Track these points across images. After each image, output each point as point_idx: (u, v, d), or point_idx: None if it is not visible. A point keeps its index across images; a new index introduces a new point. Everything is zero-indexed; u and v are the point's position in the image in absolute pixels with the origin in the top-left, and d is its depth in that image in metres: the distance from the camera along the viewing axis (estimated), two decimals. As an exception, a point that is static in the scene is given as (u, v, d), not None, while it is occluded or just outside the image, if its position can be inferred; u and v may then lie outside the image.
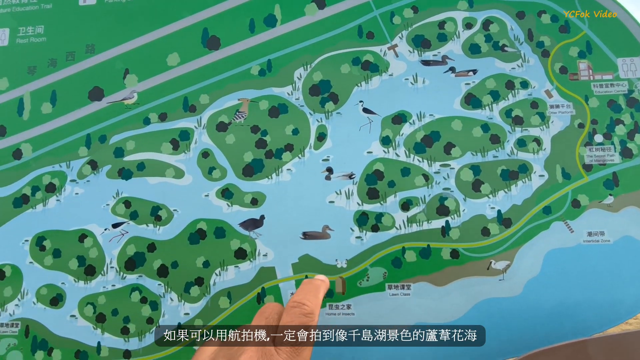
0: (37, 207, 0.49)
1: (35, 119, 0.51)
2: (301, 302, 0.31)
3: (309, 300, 0.31)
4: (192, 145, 0.48)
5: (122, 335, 0.45)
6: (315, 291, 0.33)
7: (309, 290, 0.32)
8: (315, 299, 0.32)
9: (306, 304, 0.31)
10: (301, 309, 0.31)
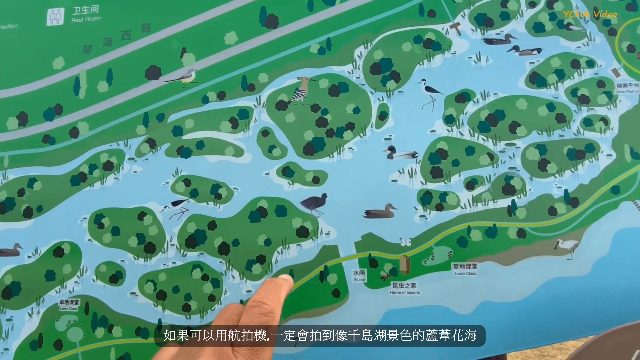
0: (95, 185, 0.49)
1: (92, 97, 0.51)
2: (261, 302, 0.31)
3: (269, 299, 0.31)
4: (252, 124, 0.48)
5: (183, 312, 0.45)
6: (276, 290, 0.32)
7: (270, 289, 0.32)
8: (276, 298, 0.32)
9: (266, 303, 0.31)
10: (260, 308, 0.30)
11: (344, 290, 0.44)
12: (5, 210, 0.51)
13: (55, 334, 0.48)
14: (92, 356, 0.47)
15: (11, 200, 0.51)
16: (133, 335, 0.46)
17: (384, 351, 0.42)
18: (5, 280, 0.49)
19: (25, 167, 0.52)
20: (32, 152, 0.52)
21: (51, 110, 0.52)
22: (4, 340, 0.49)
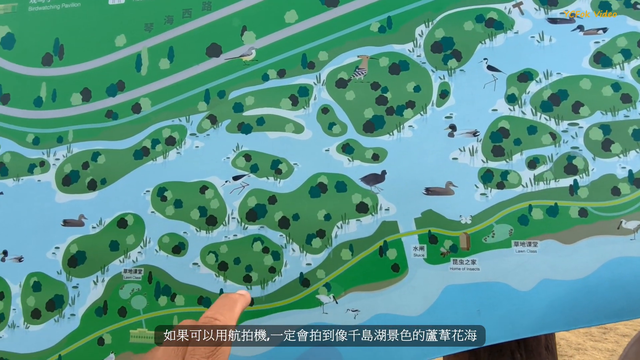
0: (158, 160, 0.51)
1: (153, 74, 0.53)
2: (213, 317, 0.31)
3: (222, 314, 0.32)
4: (312, 101, 0.48)
5: (244, 283, 0.47)
6: (230, 305, 0.33)
7: (223, 304, 0.33)
8: (229, 313, 0.32)
9: (218, 319, 0.31)
10: (212, 323, 0.31)
11: (403, 265, 0.45)
12: (70, 182, 0.53)
13: (120, 301, 0.50)
14: (156, 323, 0.49)
15: (75, 173, 0.53)
16: (195, 304, 0.48)
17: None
18: (71, 249, 0.52)
19: (89, 141, 0.54)
20: (96, 126, 0.54)
21: (113, 87, 0.54)
22: (70, 307, 0.51)
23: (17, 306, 0.53)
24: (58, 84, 0.56)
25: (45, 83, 0.57)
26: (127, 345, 0.49)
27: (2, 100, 0.57)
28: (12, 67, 0.58)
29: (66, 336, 0.51)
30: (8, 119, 0.57)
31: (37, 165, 0.55)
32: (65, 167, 0.54)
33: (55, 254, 0.53)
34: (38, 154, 0.55)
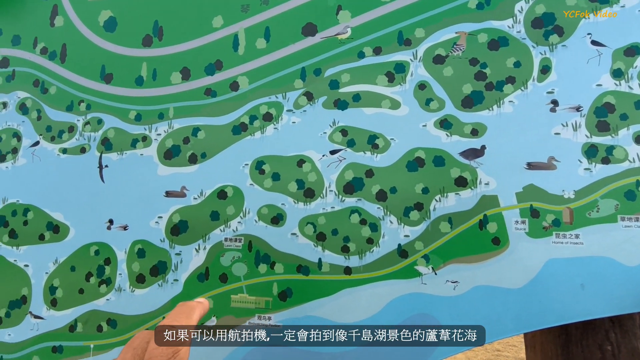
0: (256, 135, 0.53)
1: (250, 53, 0.55)
2: (170, 326, 0.31)
3: (179, 321, 0.32)
4: (408, 78, 0.49)
5: (342, 253, 0.49)
6: (188, 313, 0.32)
7: (180, 312, 0.32)
8: (187, 320, 0.32)
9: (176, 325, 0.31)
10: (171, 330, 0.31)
11: (504, 239, 0.46)
12: (171, 156, 0.56)
13: (221, 268, 0.52)
14: (256, 289, 0.51)
15: (177, 148, 0.56)
16: (294, 272, 0.50)
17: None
18: (174, 218, 0.55)
19: (189, 117, 0.56)
20: (195, 104, 0.56)
21: (212, 66, 0.56)
22: (173, 272, 0.54)
23: (123, 271, 0.57)
24: (158, 64, 0.59)
25: (146, 63, 0.60)
26: (229, 309, 0.52)
27: (106, 80, 0.61)
28: (115, 48, 0.62)
29: (170, 300, 0.54)
30: (111, 97, 0.61)
31: (139, 140, 0.59)
32: (167, 142, 0.57)
33: (158, 223, 0.56)
34: (140, 129, 0.59)
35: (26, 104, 0.65)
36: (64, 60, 0.64)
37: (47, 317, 0.59)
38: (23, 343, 0.60)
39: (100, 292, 0.57)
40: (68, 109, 0.62)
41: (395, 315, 0.47)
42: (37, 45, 0.66)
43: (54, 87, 0.64)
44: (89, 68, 0.62)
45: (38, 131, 0.63)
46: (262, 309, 0.51)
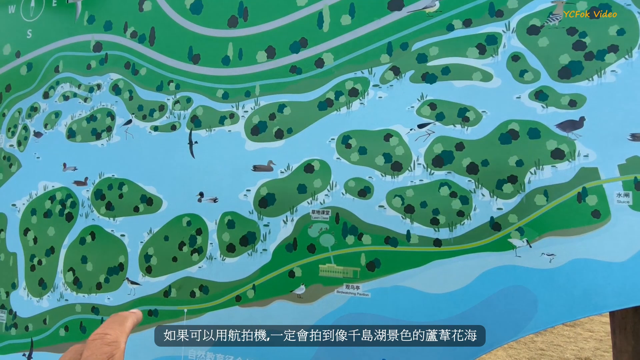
0: (341, 110, 0.54)
1: (335, 30, 0.56)
2: (103, 333, 0.31)
3: (111, 329, 0.31)
4: (501, 49, 0.49)
5: (431, 225, 0.49)
6: (120, 321, 0.32)
7: (113, 321, 0.33)
8: (120, 327, 0.32)
9: (109, 333, 0.31)
10: (103, 339, 0.31)
11: (605, 212, 0.45)
12: (258, 132, 0.58)
13: (309, 239, 0.54)
14: (344, 259, 0.53)
15: (263, 124, 0.58)
16: (382, 244, 0.51)
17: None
18: (261, 191, 0.57)
19: (275, 94, 0.58)
20: (281, 81, 0.58)
21: (297, 44, 0.58)
22: (262, 242, 0.57)
23: (214, 241, 0.60)
24: (244, 44, 0.62)
25: (232, 43, 0.62)
26: (317, 278, 0.54)
27: (193, 60, 0.64)
28: (201, 30, 0.65)
29: (259, 268, 0.57)
30: (199, 76, 0.64)
31: (227, 117, 0.61)
32: (254, 118, 0.60)
33: (246, 195, 0.59)
34: (227, 107, 0.61)
35: (119, 85, 0.69)
36: (153, 42, 0.67)
37: (143, 282, 0.64)
38: (121, 306, 0.65)
39: (193, 260, 0.61)
40: (158, 89, 0.66)
41: (487, 287, 0.47)
42: (127, 29, 0.69)
43: (144, 69, 0.67)
44: (177, 49, 0.66)
45: (130, 110, 0.68)
46: (350, 278, 0.53)
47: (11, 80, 0.78)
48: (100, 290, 0.66)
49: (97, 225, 0.67)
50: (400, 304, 0.50)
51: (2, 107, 0.78)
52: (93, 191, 0.68)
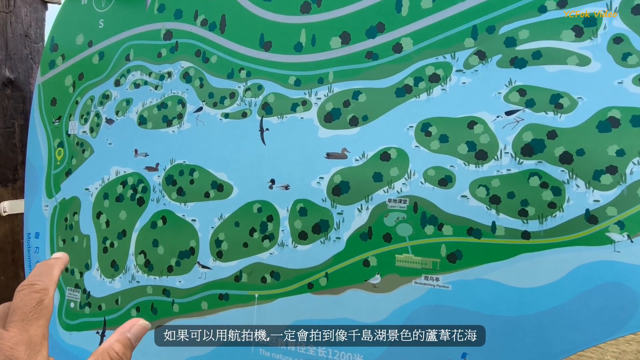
0: (421, 97, 0.53)
1: (415, 14, 0.54)
2: (30, 284, 0.31)
3: (39, 279, 0.31)
4: (600, 31, 0.46)
5: (519, 217, 0.47)
6: (47, 270, 0.32)
7: (39, 271, 0.32)
8: (48, 276, 0.32)
9: (37, 283, 0.31)
10: (31, 288, 0.31)
11: None
12: (332, 119, 0.58)
13: (385, 228, 0.53)
14: (422, 250, 0.51)
15: (337, 111, 0.58)
16: (464, 235, 0.50)
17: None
18: (335, 179, 0.57)
19: (350, 81, 0.58)
20: (356, 67, 0.57)
21: (373, 29, 0.57)
22: (335, 230, 0.56)
23: (286, 228, 0.60)
24: (317, 30, 0.61)
25: (305, 29, 0.62)
26: (393, 267, 0.53)
27: (265, 47, 0.64)
28: (273, 16, 0.64)
29: (332, 256, 0.57)
30: (271, 63, 0.64)
31: (299, 104, 0.61)
32: (327, 105, 0.59)
33: (319, 183, 0.58)
34: (300, 94, 0.61)
35: (189, 73, 0.70)
36: (224, 30, 0.68)
37: (214, 267, 0.65)
38: (192, 289, 0.67)
39: (264, 247, 0.61)
40: (229, 77, 0.67)
41: (580, 283, 0.45)
42: (197, 17, 0.70)
43: (214, 56, 0.68)
44: (248, 37, 0.66)
45: (201, 98, 0.69)
46: (429, 269, 0.52)
47: (84, 69, 0.81)
48: (172, 273, 0.68)
49: (169, 210, 0.69)
50: (484, 298, 0.49)
51: (76, 95, 0.81)
52: (164, 177, 0.70)
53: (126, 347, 0.32)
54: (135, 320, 0.33)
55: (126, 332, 0.33)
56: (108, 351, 0.31)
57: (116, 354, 0.31)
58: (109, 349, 0.31)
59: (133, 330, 0.33)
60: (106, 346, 0.32)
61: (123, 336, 0.32)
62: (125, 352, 0.32)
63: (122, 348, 0.31)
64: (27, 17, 0.98)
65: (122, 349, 0.31)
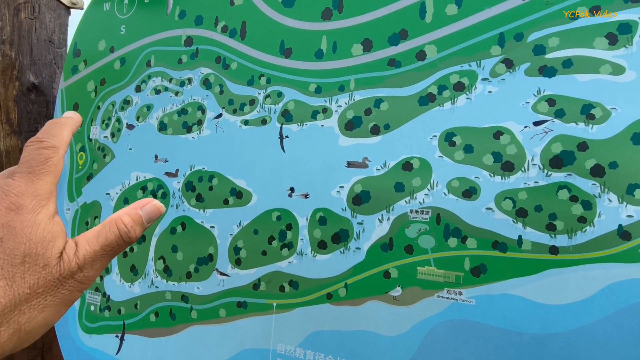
0: (445, 105, 0.52)
1: (439, 20, 0.53)
2: (39, 140, 0.29)
3: (49, 136, 0.30)
4: (636, 39, 0.44)
5: (547, 231, 0.46)
6: (58, 129, 0.31)
7: (50, 128, 0.31)
8: (58, 136, 0.30)
9: (45, 140, 0.29)
10: (39, 144, 0.29)
11: None
12: (352, 127, 0.57)
13: (406, 239, 0.53)
14: (445, 263, 0.50)
15: (358, 119, 0.57)
16: (489, 248, 0.49)
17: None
18: (355, 189, 0.56)
19: (371, 89, 0.57)
20: (378, 75, 0.57)
21: (396, 36, 0.56)
22: (355, 241, 0.56)
23: (305, 237, 0.60)
24: (338, 36, 0.61)
25: (326, 36, 0.61)
26: (415, 280, 0.53)
27: (285, 54, 0.64)
28: (293, 23, 0.64)
29: (352, 267, 0.57)
30: (291, 70, 0.63)
31: (319, 112, 0.61)
32: (348, 113, 0.59)
33: (339, 192, 0.58)
34: (320, 101, 0.61)
35: (209, 79, 0.71)
36: (244, 37, 0.68)
37: (232, 274, 0.65)
38: (211, 296, 0.67)
39: (283, 255, 0.61)
40: (249, 83, 0.67)
41: (612, 302, 0.44)
42: (218, 24, 0.71)
43: (235, 63, 0.68)
44: (269, 43, 0.66)
45: (221, 104, 0.69)
46: (451, 283, 0.51)
47: (106, 75, 0.82)
48: (190, 280, 0.68)
49: (188, 216, 0.70)
50: (509, 314, 0.47)
51: (97, 100, 0.82)
52: (184, 183, 0.71)
53: (136, 222, 0.30)
54: (149, 200, 0.32)
55: (138, 208, 0.31)
56: (116, 221, 0.30)
57: (124, 226, 0.30)
58: (118, 220, 0.30)
59: (146, 208, 0.31)
60: (116, 217, 0.30)
61: (135, 211, 0.31)
62: (134, 227, 0.30)
63: (131, 222, 0.30)
64: (51, 22, 1.00)
65: (132, 223, 0.30)
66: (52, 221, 0.27)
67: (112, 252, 0.29)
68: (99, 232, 0.29)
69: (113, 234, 0.29)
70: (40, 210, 0.27)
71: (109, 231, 0.29)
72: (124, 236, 0.29)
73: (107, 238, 0.29)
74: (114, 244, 0.29)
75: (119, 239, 0.29)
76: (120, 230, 0.29)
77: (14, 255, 0.26)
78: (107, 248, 0.29)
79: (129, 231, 0.30)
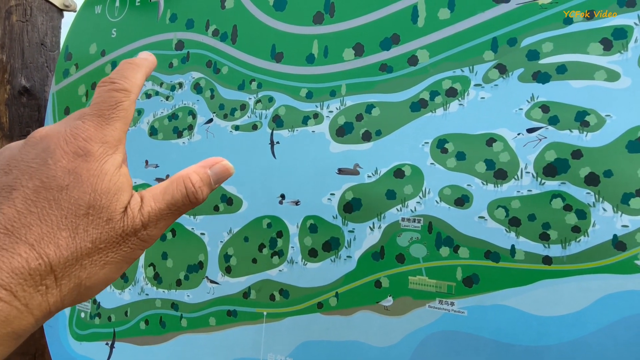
0: (437, 111, 0.51)
1: (432, 25, 0.52)
2: (112, 81, 0.28)
3: (122, 77, 0.28)
4: (631, 45, 0.43)
5: (540, 240, 0.45)
6: (133, 71, 0.29)
7: (124, 70, 0.29)
8: (132, 78, 0.28)
9: (118, 82, 0.28)
10: (112, 86, 0.27)
11: None
12: (344, 133, 0.56)
13: (397, 248, 0.52)
14: (437, 272, 0.50)
15: (350, 125, 0.56)
16: (482, 258, 0.48)
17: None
18: (346, 196, 0.55)
19: (363, 94, 0.56)
20: (369, 80, 0.56)
21: (388, 40, 0.55)
22: (346, 249, 0.55)
23: (295, 245, 0.59)
24: (329, 41, 0.60)
25: (317, 40, 0.60)
26: (406, 290, 0.52)
27: (276, 59, 0.63)
28: (285, 27, 0.63)
29: (343, 276, 0.56)
30: (282, 75, 0.63)
31: (310, 117, 0.60)
32: (339, 119, 0.58)
33: (330, 199, 0.57)
34: (311, 107, 0.60)
35: (200, 84, 0.70)
36: (235, 41, 0.67)
37: (222, 282, 0.64)
38: (201, 304, 0.66)
39: (273, 263, 0.60)
40: (240, 88, 0.66)
41: (607, 314, 0.43)
42: (209, 27, 0.70)
43: (225, 67, 0.68)
44: (260, 48, 0.65)
45: (212, 109, 0.68)
46: (443, 293, 0.50)
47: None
48: (180, 287, 0.67)
49: (178, 222, 0.69)
50: (501, 325, 0.46)
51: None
52: (174, 189, 0.70)
53: (204, 182, 0.28)
54: (219, 159, 0.30)
55: (207, 167, 0.29)
56: (184, 179, 0.28)
57: (192, 185, 0.28)
58: (186, 178, 0.28)
59: (215, 168, 0.29)
60: (184, 174, 0.28)
61: (204, 170, 0.29)
62: (202, 187, 0.28)
63: (199, 181, 0.28)
64: (43, 25, 1.00)
65: (200, 182, 0.28)
66: (119, 172, 0.26)
67: (178, 211, 0.28)
68: (165, 189, 0.28)
69: (180, 193, 0.27)
70: (107, 159, 0.26)
71: (176, 189, 0.27)
72: (191, 196, 0.28)
73: (173, 196, 0.27)
74: (180, 203, 0.27)
75: (185, 198, 0.28)
76: (188, 190, 0.28)
77: (78, 205, 0.24)
78: (172, 207, 0.27)
79: (197, 191, 0.28)
